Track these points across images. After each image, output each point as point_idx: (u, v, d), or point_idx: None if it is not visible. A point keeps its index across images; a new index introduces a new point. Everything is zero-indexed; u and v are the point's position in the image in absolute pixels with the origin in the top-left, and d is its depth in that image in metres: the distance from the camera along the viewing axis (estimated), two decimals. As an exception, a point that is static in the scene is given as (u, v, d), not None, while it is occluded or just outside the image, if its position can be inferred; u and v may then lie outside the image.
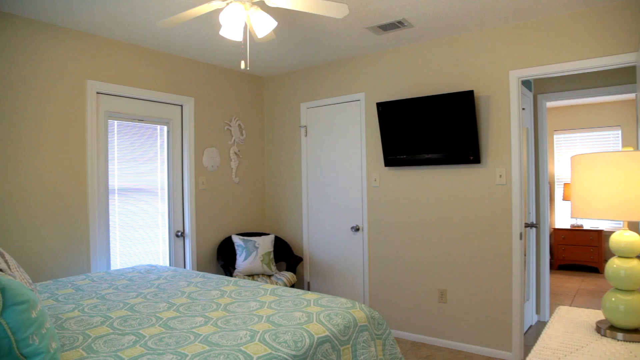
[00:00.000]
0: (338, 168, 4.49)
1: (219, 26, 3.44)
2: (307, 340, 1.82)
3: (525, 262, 4.13)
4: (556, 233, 7.05)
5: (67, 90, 3.38)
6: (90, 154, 3.51)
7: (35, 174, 3.20)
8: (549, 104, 6.84)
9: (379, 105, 3.92)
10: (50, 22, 3.23)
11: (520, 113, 3.40)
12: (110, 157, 3.70)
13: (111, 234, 3.70)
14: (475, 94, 3.57)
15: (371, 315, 2.26)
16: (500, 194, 3.48)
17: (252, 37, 3.57)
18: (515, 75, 3.38)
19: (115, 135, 3.75)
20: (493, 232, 3.51)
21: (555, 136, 7.32)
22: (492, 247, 3.52)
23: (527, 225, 3.75)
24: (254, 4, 2.30)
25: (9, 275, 1.66)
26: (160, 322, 2.03)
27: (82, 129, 3.47)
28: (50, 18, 3.15)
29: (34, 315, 1.37)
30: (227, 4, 2.26)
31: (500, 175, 3.46)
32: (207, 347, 1.69)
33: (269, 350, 1.68)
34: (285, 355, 1.67)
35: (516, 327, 3.41)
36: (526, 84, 4.15)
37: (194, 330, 1.91)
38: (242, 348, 1.68)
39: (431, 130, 3.67)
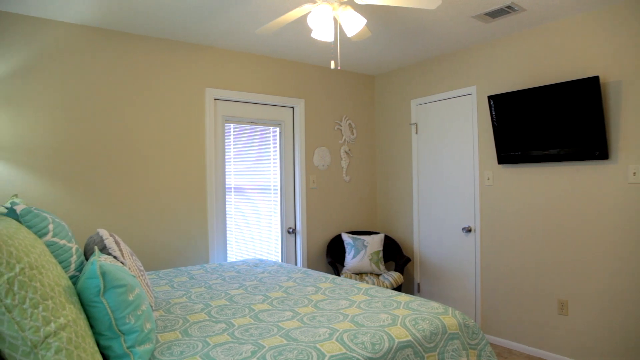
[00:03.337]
0: (449, 166, 4.28)
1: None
2: (386, 344, 1.77)
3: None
4: None
5: (189, 98, 3.76)
6: (209, 156, 3.85)
7: (162, 174, 3.61)
8: None
9: (490, 98, 3.64)
10: (173, 38, 3.61)
11: (662, 100, 2.89)
12: (226, 157, 4.02)
13: (228, 229, 4.02)
14: (601, 80, 3.12)
15: (464, 323, 2.12)
16: (634, 194, 2.99)
17: (350, 37, 3.58)
18: (656, 56, 2.88)
19: (232, 137, 4.05)
20: (624, 239, 3.04)
21: None
22: (622, 255, 3.05)
23: (676, 232, 3.17)
24: (342, 3, 2.31)
25: (120, 262, 1.90)
26: (252, 313, 2.15)
27: (201, 133, 3.82)
28: (174, 35, 3.52)
29: (130, 297, 1.55)
30: (317, 5, 2.30)
31: (635, 173, 2.97)
32: (285, 341, 1.74)
33: (344, 350, 1.67)
34: (359, 357, 1.65)
35: (657, 351, 2.91)
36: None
37: (279, 323, 1.98)
38: (317, 345, 1.70)
39: (549, 124, 3.30)
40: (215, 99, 3.93)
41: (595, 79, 2.98)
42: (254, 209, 4.21)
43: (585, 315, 3.26)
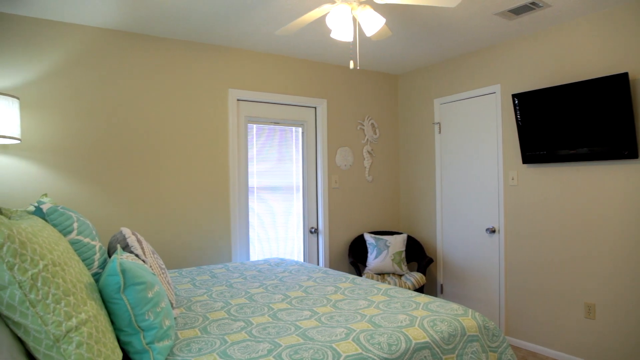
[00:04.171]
0: (473, 166, 4.22)
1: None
2: (403, 345, 1.76)
3: None
4: None
5: (212, 99, 3.81)
6: (232, 156, 3.89)
7: (185, 174, 3.68)
8: None
9: (514, 97, 3.57)
10: (196, 40, 3.67)
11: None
12: (249, 157, 4.06)
13: (250, 228, 4.06)
14: (631, 77, 3.01)
15: (484, 325, 2.09)
16: (669, 195, 2.89)
17: (370, 36, 3.56)
18: (689, 51, 2.77)
19: (254, 137, 4.09)
20: (660, 241, 2.93)
21: None
22: (658, 259, 2.94)
23: None
24: (361, 3, 2.31)
25: (142, 260, 1.94)
26: (271, 312, 2.17)
27: (225, 134, 3.88)
28: (197, 37, 3.58)
29: (150, 295, 1.59)
30: (336, 5, 2.30)
31: (667, 173, 2.87)
32: (302, 340, 1.75)
33: (359, 350, 1.67)
34: (375, 357, 1.64)
35: (691, 358, 2.80)
36: None
37: (297, 322, 2.00)
38: (333, 345, 1.70)
39: (575, 123, 3.21)
40: (238, 100, 3.97)
41: (624, 75, 2.89)
42: (277, 208, 4.24)
43: (613, 320, 3.16)
